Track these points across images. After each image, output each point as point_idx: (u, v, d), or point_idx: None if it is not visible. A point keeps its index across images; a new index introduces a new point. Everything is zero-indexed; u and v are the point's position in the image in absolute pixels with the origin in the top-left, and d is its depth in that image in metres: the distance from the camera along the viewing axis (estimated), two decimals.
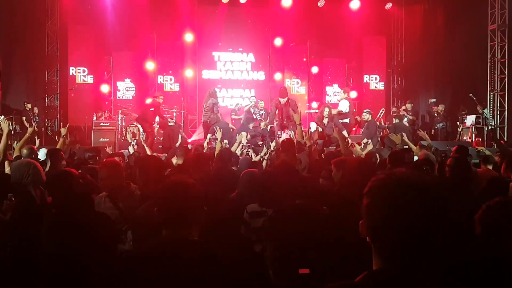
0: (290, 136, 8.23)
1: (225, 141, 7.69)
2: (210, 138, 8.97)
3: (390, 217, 1.23)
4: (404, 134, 7.24)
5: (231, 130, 11.35)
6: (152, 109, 11.50)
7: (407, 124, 11.48)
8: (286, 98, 10.41)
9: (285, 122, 10.58)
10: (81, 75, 14.84)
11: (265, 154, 6.78)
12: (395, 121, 11.14)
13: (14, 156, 5.70)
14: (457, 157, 4.56)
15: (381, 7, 15.81)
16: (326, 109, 10.34)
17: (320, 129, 10.14)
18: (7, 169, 5.40)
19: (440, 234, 1.24)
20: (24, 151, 5.37)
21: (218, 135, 6.88)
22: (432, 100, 13.57)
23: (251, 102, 12.86)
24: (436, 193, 1.26)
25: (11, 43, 12.31)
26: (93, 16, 14.41)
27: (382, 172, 1.38)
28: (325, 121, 10.29)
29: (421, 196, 1.23)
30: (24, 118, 12.08)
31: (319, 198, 3.36)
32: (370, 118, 11.24)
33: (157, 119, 11.99)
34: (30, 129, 5.99)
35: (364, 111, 11.77)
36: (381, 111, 14.11)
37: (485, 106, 12.56)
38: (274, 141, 8.88)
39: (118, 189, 3.50)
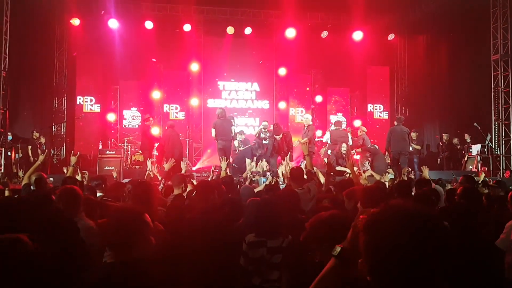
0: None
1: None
2: (215, 166, 9.04)
3: (391, 252, 1.19)
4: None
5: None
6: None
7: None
8: (281, 134, 10.79)
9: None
10: (88, 104, 15.02)
11: (270, 183, 6.76)
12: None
13: (23, 184, 5.73)
14: (467, 187, 4.61)
15: (383, 38, 16.06)
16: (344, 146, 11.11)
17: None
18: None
19: (443, 265, 1.21)
20: (34, 178, 5.41)
21: (223, 165, 6.92)
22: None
23: (261, 126, 12.72)
24: (435, 223, 1.23)
25: (20, 72, 12.54)
26: (101, 47, 14.69)
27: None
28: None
29: (420, 228, 1.19)
30: (29, 147, 12.16)
31: None
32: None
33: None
34: (41, 157, 6.05)
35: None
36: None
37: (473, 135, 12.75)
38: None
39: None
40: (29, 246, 1.94)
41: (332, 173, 9.78)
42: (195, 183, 5.98)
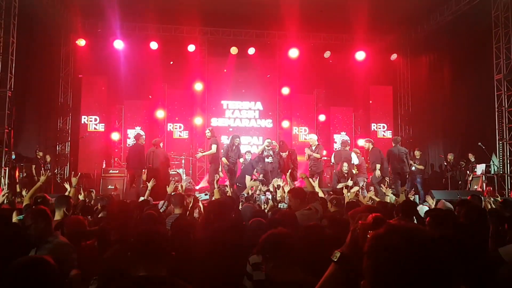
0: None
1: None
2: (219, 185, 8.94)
3: (395, 276, 1.17)
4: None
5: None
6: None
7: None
8: (287, 152, 10.76)
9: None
10: (93, 123, 15.13)
11: (276, 205, 6.64)
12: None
13: (24, 204, 5.69)
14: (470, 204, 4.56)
15: (386, 58, 16.19)
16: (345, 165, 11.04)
17: None
18: (14, 219, 5.38)
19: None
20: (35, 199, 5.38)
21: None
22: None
23: (265, 144, 12.51)
24: (439, 246, 1.20)
25: (25, 92, 12.65)
26: (106, 67, 14.89)
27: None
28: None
29: (424, 251, 1.17)
30: (33, 167, 12.16)
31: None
32: (371, 146, 11.66)
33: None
34: (42, 178, 6.02)
35: (365, 139, 12.37)
36: None
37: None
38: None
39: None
40: (53, 266, 2.05)
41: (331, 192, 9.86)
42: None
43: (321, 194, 6.45)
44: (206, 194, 5.02)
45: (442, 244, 1.23)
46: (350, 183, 10.59)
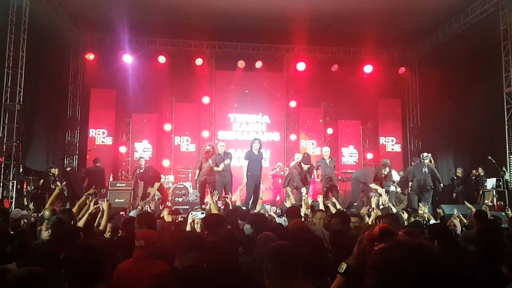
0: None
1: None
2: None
3: None
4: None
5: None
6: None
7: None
8: (310, 165, 10.65)
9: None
10: (101, 136, 15.22)
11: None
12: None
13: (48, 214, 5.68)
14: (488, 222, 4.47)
15: (394, 71, 16.13)
16: (387, 169, 10.86)
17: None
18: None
19: None
20: (46, 212, 5.42)
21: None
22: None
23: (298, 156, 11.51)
24: (445, 264, 1.14)
25: (34, 105, 12.73)
26: (114, 80, 15.03)
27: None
28: None
29: (432, 271, 1.11)
30: (41, 181, 12.16)
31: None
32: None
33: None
34: (58, 188, 6.04)
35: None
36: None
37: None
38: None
39: None
40: (47, 277, 2.07)
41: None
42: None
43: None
44: (202, 213, 4.93)
45: (449, 263, 1.18)
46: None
